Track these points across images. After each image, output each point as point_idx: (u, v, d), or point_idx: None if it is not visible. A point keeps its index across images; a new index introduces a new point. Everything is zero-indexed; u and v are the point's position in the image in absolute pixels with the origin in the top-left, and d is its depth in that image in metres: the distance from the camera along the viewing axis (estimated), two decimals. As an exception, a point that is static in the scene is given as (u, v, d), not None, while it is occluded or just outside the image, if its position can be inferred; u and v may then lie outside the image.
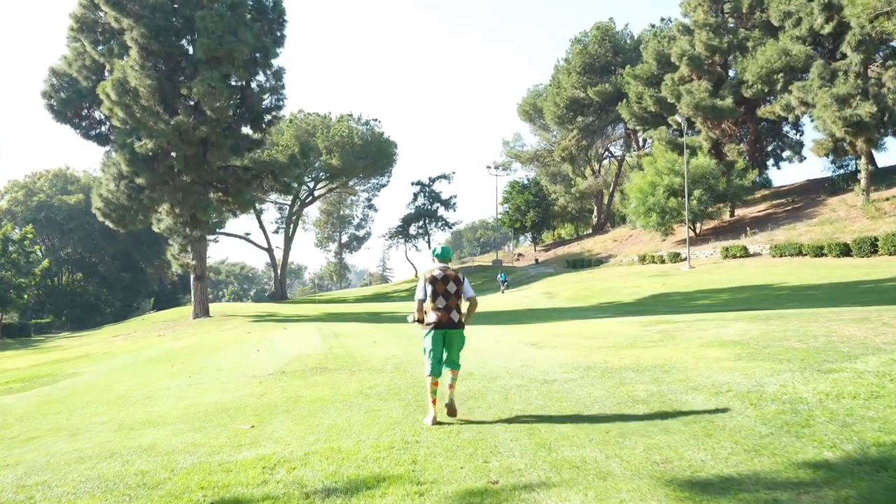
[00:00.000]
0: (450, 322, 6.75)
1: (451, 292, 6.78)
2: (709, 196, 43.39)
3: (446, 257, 7.04)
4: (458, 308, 6.84)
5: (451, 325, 6.76)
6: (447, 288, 6.78)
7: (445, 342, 6.84)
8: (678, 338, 12.34)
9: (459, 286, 6.85)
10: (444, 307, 6.74)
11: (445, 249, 7.11)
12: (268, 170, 30.85)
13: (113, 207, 28.68)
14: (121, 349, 22.60)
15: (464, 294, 6.89)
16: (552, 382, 8.34)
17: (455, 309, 6.79)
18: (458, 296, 6.83)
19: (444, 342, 6.84)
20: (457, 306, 6.82)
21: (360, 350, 14.35)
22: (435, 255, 7.07)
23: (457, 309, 6.81)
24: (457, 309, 6.81)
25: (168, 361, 15.69)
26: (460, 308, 6.87)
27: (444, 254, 7.04)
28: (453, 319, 6.76)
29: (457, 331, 6.84)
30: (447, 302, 6.76)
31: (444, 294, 6.77)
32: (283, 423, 7.22)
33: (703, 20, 47.84)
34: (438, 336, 6.79)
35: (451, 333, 6.82)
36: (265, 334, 20.99)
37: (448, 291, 6.78)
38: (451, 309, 6.76)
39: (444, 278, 6.81)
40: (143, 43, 26.54)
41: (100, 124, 32.21)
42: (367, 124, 66.55)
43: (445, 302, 6.75)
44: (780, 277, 29.85)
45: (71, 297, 65.60)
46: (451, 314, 6.75)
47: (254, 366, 13.06)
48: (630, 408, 6.53)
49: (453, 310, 6.77)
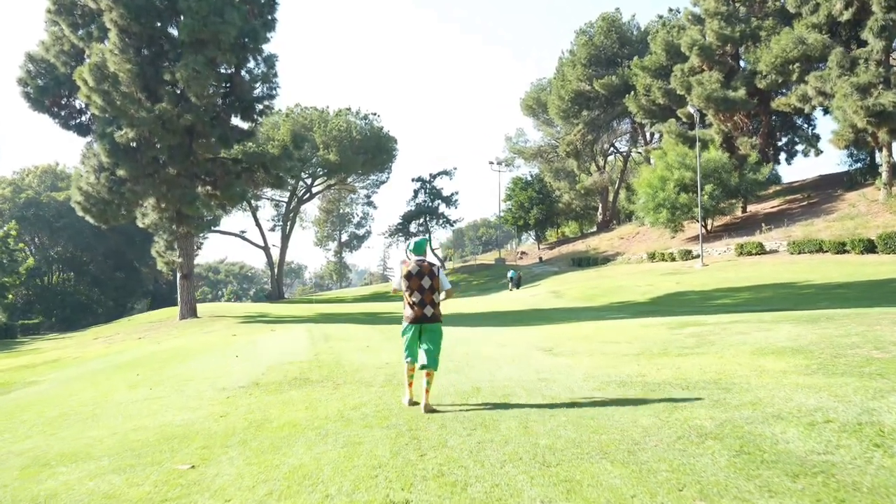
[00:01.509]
0: (423, 316, 6.93)
1: (425, 287, 6.93)
2: (721, 191, 41.58)
3: (420, 251, 7.19)
4: (433, 302, 6.97)
5: (425, 319, 6.93)
6: (422, 283, 6.93)
7: (422, 336, 7.00)
8: (717, 343, 10.61)
9: (434, 280, 6.96)
10: (418, 302, 6.93)
11: (419, 243, 7.29)
12: (259, 162, 29.04)
13: (93, 201, 26.87)
14: (95, 353, 20.87)
15: (440, 287, 7.03)
16: (583, 405, 6.61)
17: (430, 304, 6.93)
18: (432, 290, 6.96)
19: (421, 336, 7.01)
20: (431, 301, 6.95)
21: (351, 356, 12.64)
22: (409, 249, 7.27)
23: (431, 304, 6.95)
24: (431, 304, 6.95)
25: (136, 369, 13.97)
26: (435, 302, 7.00)
27: (418, 247, 7.22)
28: (426, 314, 6.92)
29: (432, 324, 6.97)
30: (422, 296, 6.92)
31: (418, 289, 6.94)
32: (235, 461, 5.49)
33: (715, 9, 46.00)
34: (415, 330, 7.02)
35: (426, 327, 6.96)
36: (250, 337, 19.27)
37: (423, 286, 6.93)
38: (426, 304, 6.92)
39: (418, 273, 6.96)
40: (122, 25, 24.74)
41: (80, 113, 30.32)
42: (365, 119, 64.72)
43: (420, 297, 6.93)
44: (802, 275, 28.10)
45: (61, 297, 63.64)
46: (424, 309, 6.91)
47: (226, 375, 11.35)
48: (699, 447, 4.79)
49: (427, 304, 6.92)
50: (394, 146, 67.17)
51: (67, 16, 27.15)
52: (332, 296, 69.08)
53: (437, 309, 7.04)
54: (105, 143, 25.46)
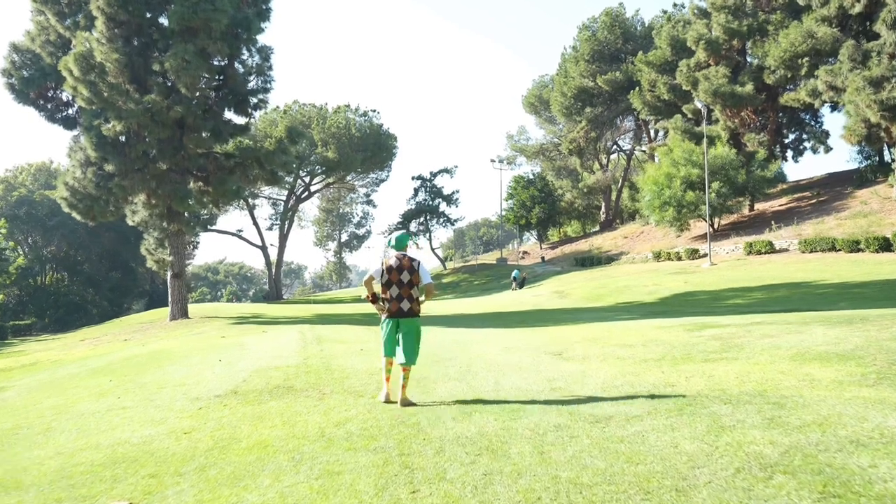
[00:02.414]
0: (400, 311, 6.92)
1: (403, 282, 6.89)
2: (728, 188, 40.47)
3: (401, 245, 7.15)
4: (411, 297, 6.95)
5: (401, 314, 6.93)
6: (400, 277, 6.90)
7: (399, 330, 6.98)
8: (746, 348, 9.56)
9: (413, 275, 6.93)
10: (395, 296, 6.91)
11: (400, 238, 7.22)
12: (253, 157, 27.90)
13: (80, 197, 25.79)
14: (76, 356, 19.84)
15: (420, 281, 6.98)
16: (607, 421, 5.55)
17: (406, 298, 6.92)
18: (410, 285, 6.92)
19: (398, 330, 6.99)
20: (409, 295, 6.93)
21: (342, 361, 11.61)
22: (389, 244, 7.28)
23: (409, 298, 6.93)
24: (409, 298, 6.93)
25: (111, 374, 12.93)
26: (413, 297, 6.96)
27: (399, 242, 7.17)
28: (403, 309, 6.91)
29: (408, 319, 6.96)
30: (399, 291, 6.90)
31: (397, 283, 6.91)
32: (184, 496, 4.47)
33: (722, 2, 44.90)
34: (392, 324, 7.02)
35: (404, 322, 6.96)
36: (239, 339, 18.21)
37: (401, 281, 6.90)
38: (403, 298, 6.91)
39: (398, 267, 6.92)
40: (109, 12, 23.67)
41: (66, 106, 29.19)
42: (365, 116, 63.60)
43: (398, 291, 6.90)
44: (816, 274, 27.03)
45: (54, 297, 62.32)
46: (401, 304, 6.90)
47: (204, 382, 10.32)
48: (767, 485, 3.74)
49: (405, 299, 6.91)
50: (394, 144, 66.10)
51: (53, 4, 26.12)
52: (331, 296, 68.06)
53: (414, 304, 6.98)
54: (92, 137, 24.41)
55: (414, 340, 7.02)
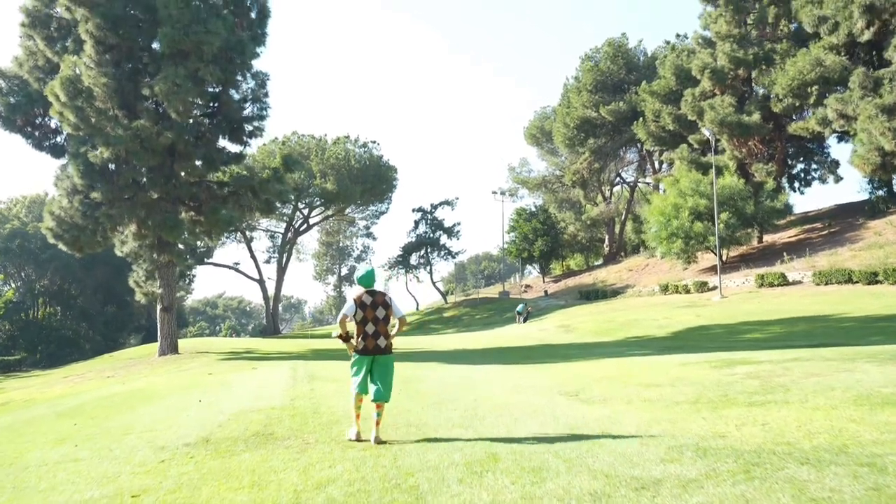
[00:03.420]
0: (377, 348, 6.74)
1: (379, 318, 6.73)
2: (737, 219, 39.42)
3: (369, 282, 6.94)
4: (387, 333, 6.79)
5: (378, 350, 6.74)
6: (376, 314, 6.73)
7: (373, 366, 6.80)
8: (793, 389, 8.37)
9: (388, 310, 6.79)
10: (372, 333, 6.72)
11: (369, 273, 7.00)
12: (246, 185, 26.87)
13: (66, 227, 24.66)
14: (50, 395, 18.60)
15: (393, 315, 6.82)
16: (656, 488, 4.35)
17: (383, 335, 6.76)
18: (386, 321, 6.77)
19: (372, 366, 6.80)
20: (385, 332, 6.77)
21: (333, 402, 10.40)
22: (358, 280, 6.99)
23: (384, 335, 6.77)
24: (384, 335, 6.77)
25: (79, 416, 11.69)
26: (388, 333, 6.81)
27: (367, 279, 6.95)
28: (380, 346, 6.74)
29: (384, 356, 6.80)
30: (376, 328, 6.72)
31: (372, 320, 6.73)
32: None
33: (727, 31, 44.38)
34: (366, 361, 6.78)
35: (378, 358, 6.78)
36: (226, 377, 16.97)
37: (377, 317, 6.73)
38: (380, 335, 6.74)
39: (372, 304, 6.75)
40: (98, 36, 22.80)
41: (54, 134, 28.20)
42: (364, 147, 62.82)
43: (374, 328, 6.72)
44: (834, 307, 25.82)
45: (46, 331, 60.98)
46: (378, 340, 6.73)
47: (175, 427, 9.10)
48: None
49: (381, 336, 6.75)
50: (394, 175, 65.25)
51: (42, 29, 25.33)
52: (330, 330, 66.66)
53: (390, 340, 6.85)
54: (78, 164, 23.40)
55: (390, 376, 6.87)
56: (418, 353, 23.38)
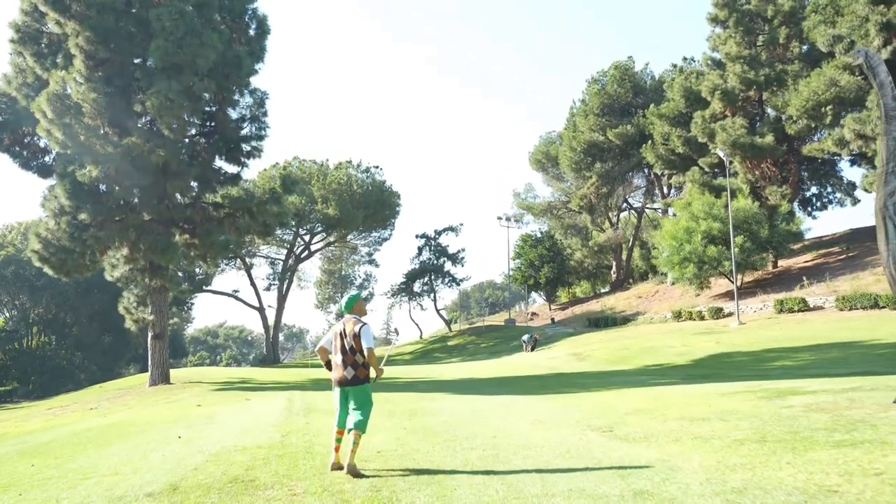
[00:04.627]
0: (344, 379, 6.59)
1: (346, 349, 6.58)
2: (752, 243, 38.06)
3: (349, 307, 6.86)
4: (355, 364, 6.55)
5: (346, 382, 6.59)
6: (344, 343, 6.61)
7: (348, 399, 6.66)
8: (880, 426, 6.99)
9: (356, 340, 6.54)
10: (340, 363, 6.63)
11: (350, 299, 6.93)
12: (243, 207, 25.62)
13: (52, 250, 23.28)
14: (24, 429, 17.16)
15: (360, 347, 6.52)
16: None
17: (351, 365, 6.56)
18: (353, 352, 6.56)
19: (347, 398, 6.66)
20: (353, 362, 6.56)
21: (328, 439, 9.01)
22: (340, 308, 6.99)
23: (352, 365, 6.55)
24: (352, 365, 6.55)
25: (42, 455, 10.31)
26: (359, 363, 6.56)
27: (348, 304, 6.89)
28: (347, 377, 6.56)
29: (354, 388, 6.60)
30: (343, 357, 6.60)
31: (341, 350, 6.63)
32: None
33: (737, 52, 43.41)
34: (340, 393, 6.70)
35: (348, 391, 6.64)
36: (215, 409, 15.55)
37: (344, 347, 6.60)
38: (347, 365, 6.57)
39: (342, 332, 6.67)
40: (88, 50, 21.66)
41: (43, 153, 26.85)
42: (367, 171, 61.61)
43: (342, 357, 6.61)
44: (864, 333, 24.38)
45: (40, 361, 59.38)
46: (345, 371, 6.57)
47: (143, 470, 7.73)
48: None
49: (349, 366, 6.56)
50: (397, 201, 63.98)
51: (32, 44, 24.22)
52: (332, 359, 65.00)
53: (360, 370, 6.60)
54: (66, 183, 22.12)
55: (365, 407, 6.64)
56: (424, 383, 21.98)
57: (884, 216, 8.71)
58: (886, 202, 8.70)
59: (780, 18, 42.92)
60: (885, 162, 8.84)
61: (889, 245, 8.62)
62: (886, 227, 8.67)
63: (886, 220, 8.67)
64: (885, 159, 8.85)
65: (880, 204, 8.76)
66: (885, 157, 8.87)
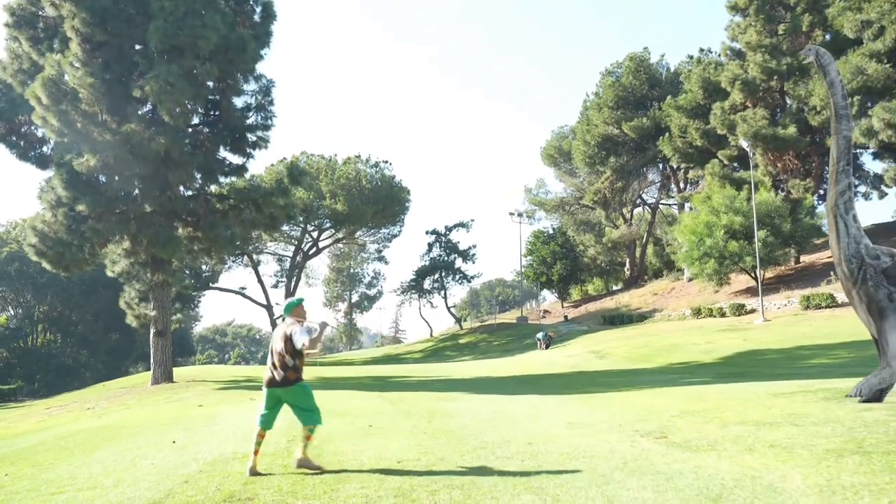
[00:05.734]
0: (273, 381, 6.46)
1: (276, 350, 6.50)
2: (775, 238, 36.73)
3: (288, 311, 6.78)
4: (285, 365, 6.40)
5: (275, 383, 6.45)
6: (274, 345, 6.58)
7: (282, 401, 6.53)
8: None
9: (286, 342, 6.39)
10: (269, 364, 6.57)
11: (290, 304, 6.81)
12: (248, 198, 24.57)
13: (49, 243, 22.25)
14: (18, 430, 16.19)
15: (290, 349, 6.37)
16: None
17: (280, 367, 6.42)
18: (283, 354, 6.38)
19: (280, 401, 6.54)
20: (283, 364, 6.41)
21: (340, 445, 7.96)
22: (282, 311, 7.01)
23: (282, 367, 6.41)
24: (282, 367, 6.41)
25: (21, 462, 9.26)
26: (288, 365, 6.40)
27: (287, 308, 6.82)
28: (276, 378, 6.43)
29: (283, 389, 6.44)
30: (272, 359, 6.54)
31: (271, 352, 6.61)
32: None
33: (758, 41, 42.02)
34: (268, 394, 6.55)
35: (279, 392, 6.48)
36: (217, 409, 14.49)
37: (274, 349, 6.56)
38: (276, 367, 6.45)
39: (275, 334, 6.68)
40: (85, 32, 20.60)
41: (41, 143, 25.75)
42: (376, 166, 60.40)
43: (271, 359, 6.56)
44: (902, 329, 23.07)
45: (45, 359, 58.47)
46: (274, 373, 6.46)
47: (126, 483, 6.65)
48: None
49: (277, 368, 6.44)
50: (406, 197, 62.76)
51: (28, 29, 23.19)
52: (340, 358, 64.01)
53: (290, 372, 6.38)
54: (62, 173, 21.09)
55: (305, 404, 6.54)
56: (438, 382, 20.89)
57: (835, 214, 8.84)
58: (837, 201, 8.83)
59: (804, 6, 41.47)
60: (837, 160, 8.96)
61: (840, 244, 8.72)
62: (837, 226, 8.79)
63: (837, 218, 8.79)
64: (836, 158, 8.97)
65: (832, 203, 8.91)
66: (836, 156, 8.98)
